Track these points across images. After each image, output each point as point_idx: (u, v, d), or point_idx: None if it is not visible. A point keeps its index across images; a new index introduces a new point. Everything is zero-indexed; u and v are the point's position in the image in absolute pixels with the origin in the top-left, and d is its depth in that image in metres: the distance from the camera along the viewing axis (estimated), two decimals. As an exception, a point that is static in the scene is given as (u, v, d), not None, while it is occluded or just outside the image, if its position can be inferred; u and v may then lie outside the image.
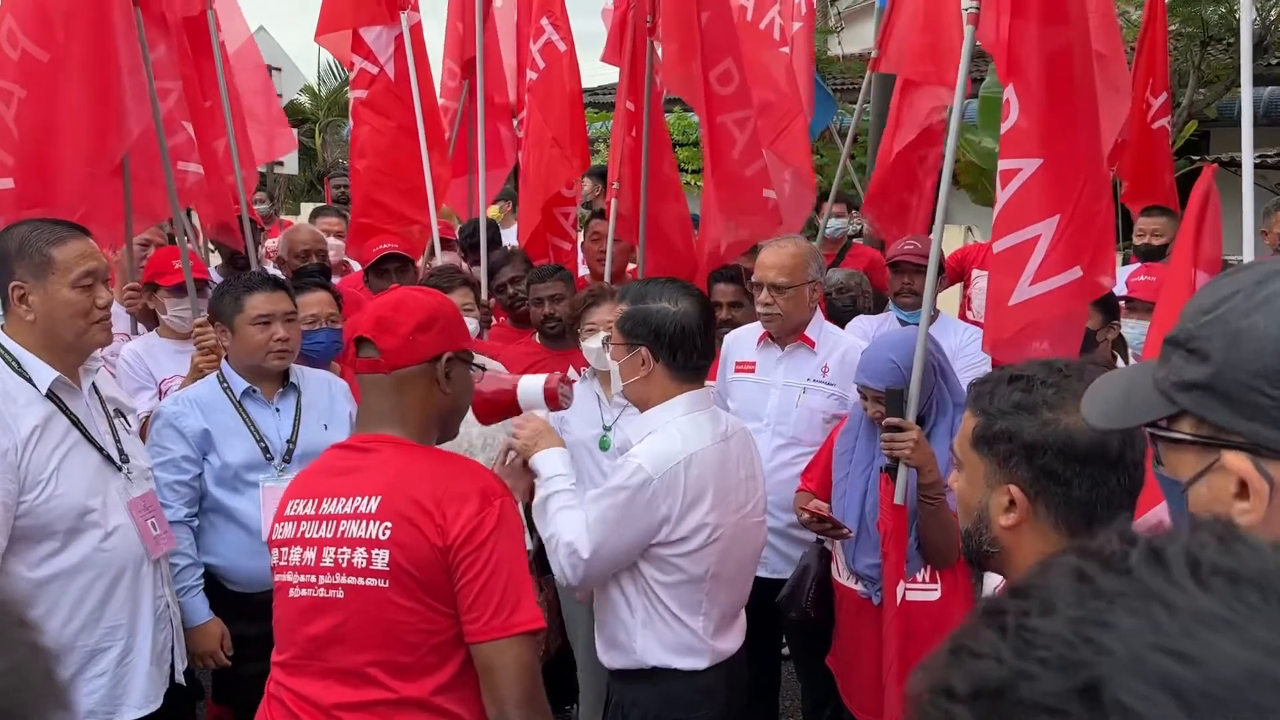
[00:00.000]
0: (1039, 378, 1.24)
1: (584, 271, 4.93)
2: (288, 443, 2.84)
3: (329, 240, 5.01)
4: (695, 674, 2.23)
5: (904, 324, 3.91)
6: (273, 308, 2.83)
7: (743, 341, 3.45)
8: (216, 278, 3.99)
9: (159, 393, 3.40)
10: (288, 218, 9.03)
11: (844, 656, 2.90)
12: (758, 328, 3.38)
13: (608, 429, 3.15)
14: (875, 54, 4.80)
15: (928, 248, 3.97)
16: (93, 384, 2.37)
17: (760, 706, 3.20)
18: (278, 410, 2.88)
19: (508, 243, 5.08)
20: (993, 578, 2.61)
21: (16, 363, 2.21)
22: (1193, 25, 10.28)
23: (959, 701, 0.46)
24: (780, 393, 3.27)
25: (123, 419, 2.45)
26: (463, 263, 4.63)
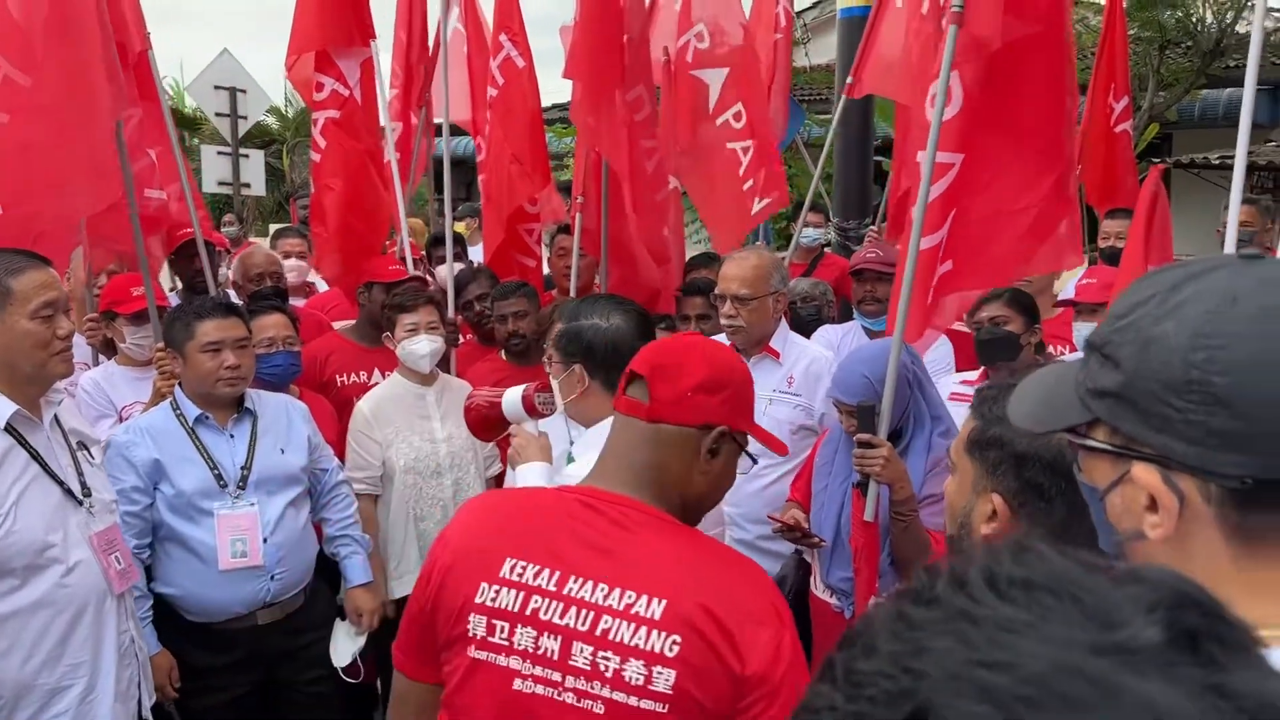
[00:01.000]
0: None
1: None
2: (242, 469, 2.79)
3: (290, 262, 4.97)
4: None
5: (869, 331, 3.92)
6: (223, 334, 2.79)
7: (708, 353, 3.43)
8: (177, 302, 3.93)
9: (120, 420, 3.36)
10: (256, 239, 8.97)
11: (819, 669, 2.88)
12: (723, 340, 3.36)
13: (573, 444, 3.12)
14: (850, 80, 4.79)
15: (889, 255, 3.99)
16: (55, 416, 2.32)
17: None
18: (232, 436, 2.84)
19: (473, 259, 5.05)
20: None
21: None
22: (1151, 29, 10.43)
23: None
24: (746, 404, 3.25)
25: (86, 451, 2.40)
26: (428, 277, 4.61)
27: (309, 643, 2.95)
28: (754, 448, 1.57)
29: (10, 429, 2.18)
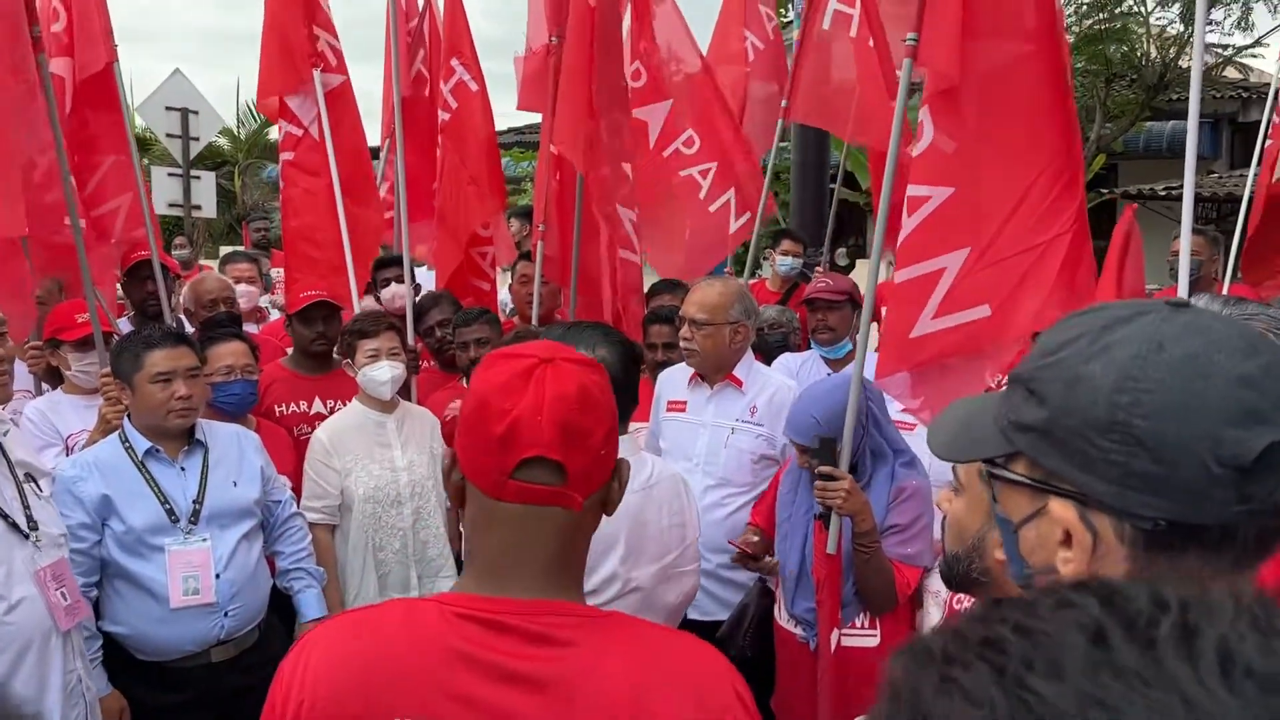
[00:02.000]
0: None
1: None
2: (194, 503, 2.71)
3: (240, 287, 4.89)
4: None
5: (827, 360, 3.96)
6: (173, 364, 2.72)
7: (674, 380, 3.44)
8: (127, 327, 3.84)
9: (66, 449, 3.27)
10: (207, 262, 8.82)
11: (785, 700, 2.87)
12: (689, 367, 3.37)
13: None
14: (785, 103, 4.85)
15: (840, 284, 4.05)
16: (0, 447, 2.24)
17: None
18: (183, 469, 2.76)
19: (420, 282, 5.01)
20: (932, 618, 2.61)
21: None
22: (1098, 63, 10.73)
23: None
24: (710, 432, 3.26)
25: (34, 483, 2.32)
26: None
27: (263, 680, 2.85)
28: (723, 473, 1.50)
29: None
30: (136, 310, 4.37)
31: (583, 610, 1.16)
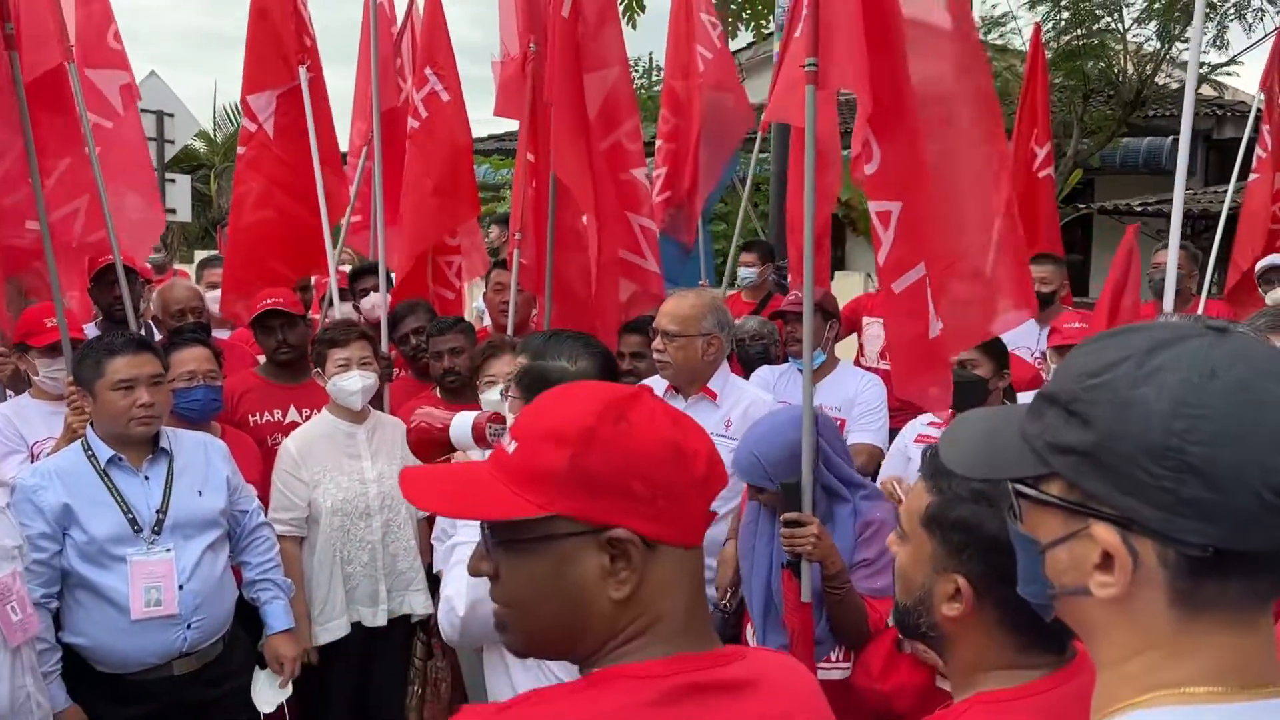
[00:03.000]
0: None
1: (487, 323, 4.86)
2: (158, 513, 2.67)
3: (216, 293, 4.83)
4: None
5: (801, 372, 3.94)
6: (136, 371, 2.67)
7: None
8: (95, 332, 3.78)
9: (31, 455, 3.22)
10: (182, 267, 8.73)
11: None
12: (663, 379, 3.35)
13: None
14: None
15: (818, 299, 4.03)
16: None
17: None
18: (147, 478, 2.71)
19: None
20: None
21: None
22: (1075, 79, 10.82)
23: None
24: (684, 445, 3.22)
25: None
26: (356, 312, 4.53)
27: (227, 693, 2.83)
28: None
29: None
30: (104, 315, 4.31)
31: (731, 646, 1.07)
